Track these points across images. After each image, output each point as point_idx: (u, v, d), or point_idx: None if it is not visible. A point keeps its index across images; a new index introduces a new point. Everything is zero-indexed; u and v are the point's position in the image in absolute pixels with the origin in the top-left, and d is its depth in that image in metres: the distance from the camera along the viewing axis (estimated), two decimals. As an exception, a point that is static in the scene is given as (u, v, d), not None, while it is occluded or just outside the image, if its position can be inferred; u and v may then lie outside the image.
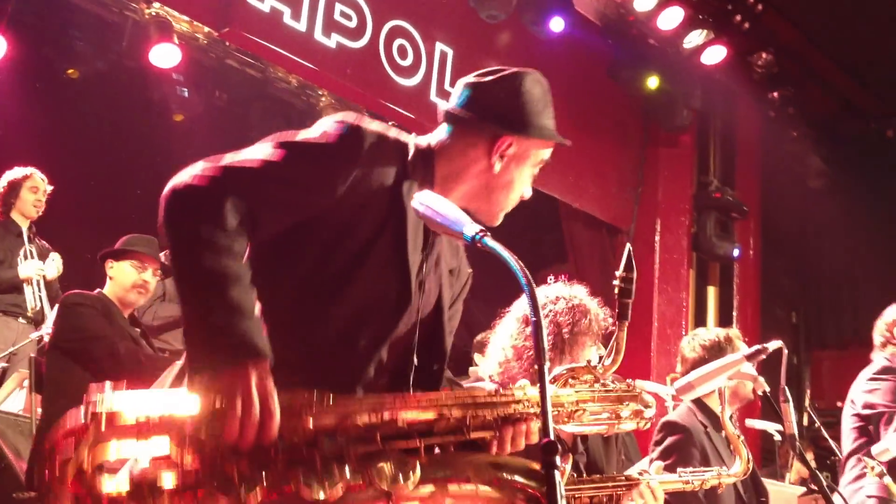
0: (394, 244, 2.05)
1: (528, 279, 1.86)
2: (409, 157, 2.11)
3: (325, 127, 2.06)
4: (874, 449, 3.85)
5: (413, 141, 2.17)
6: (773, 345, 3.07)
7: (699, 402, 3.87)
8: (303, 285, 2.02)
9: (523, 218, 9.73)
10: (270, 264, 2.00)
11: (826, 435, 5.22)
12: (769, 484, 5.61)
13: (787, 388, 2.99)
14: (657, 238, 8.69)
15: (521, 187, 2.23)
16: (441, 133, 2.20)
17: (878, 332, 4.78)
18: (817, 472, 2.85)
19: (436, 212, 2.00)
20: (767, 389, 3.16)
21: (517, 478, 2.00)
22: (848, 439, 4.65)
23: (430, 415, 1.95)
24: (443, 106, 2.23)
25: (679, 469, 3.10)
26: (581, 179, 8.31)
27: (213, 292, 1.81)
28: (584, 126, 8.28)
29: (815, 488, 4.70)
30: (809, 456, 8.25)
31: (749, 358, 3.01)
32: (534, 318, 1.81)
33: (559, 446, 1.72)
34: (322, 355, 2.01)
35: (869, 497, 4.31)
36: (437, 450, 1.99)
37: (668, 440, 3.74)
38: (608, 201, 8.60)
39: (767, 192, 9.63)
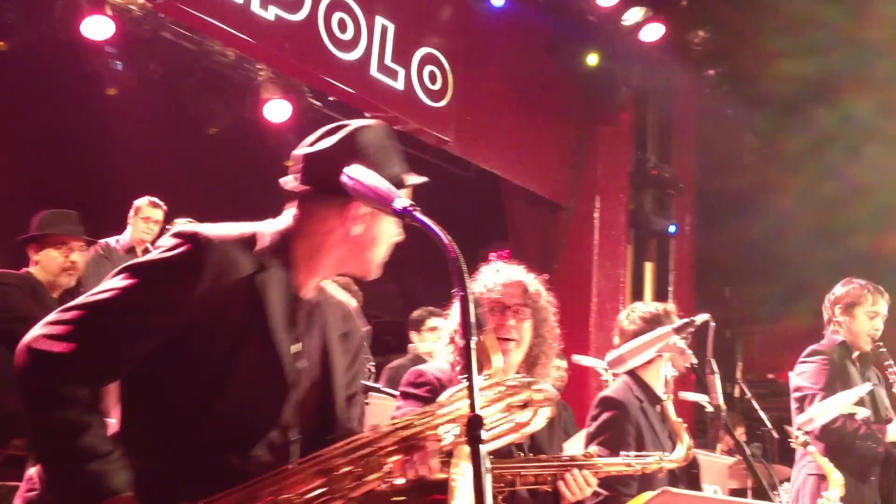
0: (261, 341, 2.04)
1: (456, 254, 1.87)
2: (259, 248, 2.08)
3: (166, 244, 2.05)
4: (799, 419, 3.96)
5: (263, 230, 2.14)
6: (701, 318, 3.13)
7: (635, 377, 3.91)
8: (181, 395, 2.02)
9: (464, 195, 9.80)
10: (149, 380, 2.03)
11: (756, 406, 5.33)
12: (700, 455, 5.75)
13: (713, 360, 3.05)
14: (596, 215, 8.78)
15: (389, 237, 2.21)
16: (291, 212, 2.17)
17: (824, 308, 4.85)
18: (741, 442, 2.91)
19: (365, 186, 2.01)
20: (695, 362, 3.22)
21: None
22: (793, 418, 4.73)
23: (318, 480, 1.95)
24: (286, 184, 2.19)
25: (623, 452, 3.15)
26: (522, 156, 8.36)
27: (64, 444, 1.90)
28: (524, 103, 8.33)
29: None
30: (741, 429, 8.48)
31: (678, 331, 3.07)
32: (461, 293, 1.83)
33: (483, 421, 1.75)
34: (209, 457, 2.00)
35: (809, 475, 4.42)
36: None
37: (604, 416, 3.77)
38: (549, 178, 8.66)
39: (703, 169, 9.79)
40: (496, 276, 3.15)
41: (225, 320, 2.01)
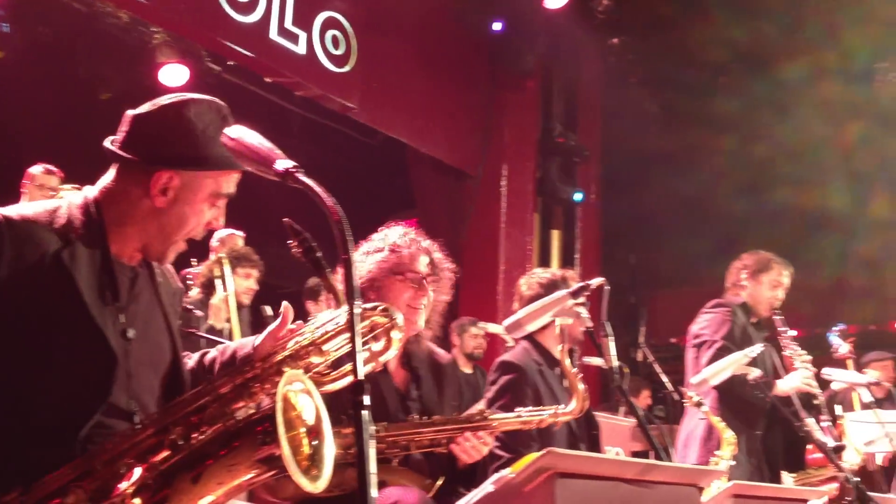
0: (76, 316, 1.96)
1: (339, 217, 1.82)
2: (63, 223, 2.00)
3: None
4: (693, 379, 4.04)
5: (71, 202, 2.07)
6: (595, 281, 3.15)
7: (534, 342, 3.94)
8: (2, 381, 1.93)
9: (370, 163, 9.68)
10: None
11: (658, 370, 5.43)
12: (603, 418, 5.86)
13: (607, 323, 3.07)
14: (503, 183, 8.81)
15: (198, 221, 2.13)
16: (107, 177, 2.10)
17: (729, 273, 4.99)
18: (634, 403, 2.95)
19: (245, 146, 1.94)
20: (590, 325, 3.25)
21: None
22: (689, 374, 4.86)
23: (159, 439, 1.89)
24: (106, 144, 2.11)
25: (517, 409, 3.16)
26: (429, 124, 8.31)
27: None
28: (430, 69, 8.26)
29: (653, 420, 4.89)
30: (646, 391, 8.67)
31: (573, 295, 3.08)
32: (344, 256, 1.79)
33: (367, 386, 1.71)
34: (41, 441, 1.92)
35: (700, 420, 4.53)
36: None
37: (503, 379, 3.79)
38: (455, 146, 8.64)
39: (608, 137, 9.90)
40: (407, 241, 3.13)
41: (35, 300, 1.93)
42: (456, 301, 8.35)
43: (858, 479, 3.55)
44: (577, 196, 9.29)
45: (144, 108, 2.09)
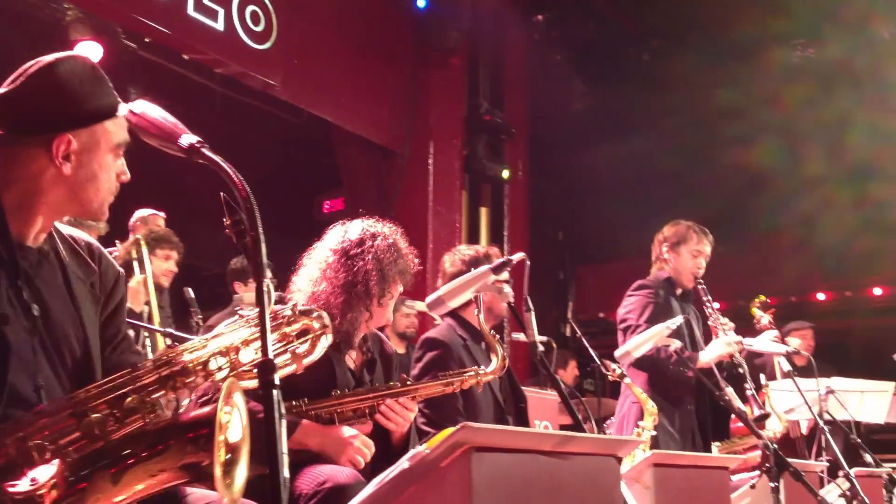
0: None
1: (246, 193, 1.78)
2: None
3: None
4: (617, 352, 4.08)
5: None
6: (517, 256, 3.15)
7: (458, 318, 3.94)
8: None
9: (296, 142, 9.53)
10: None
11: (586, 344, 5.46)
12: (532, 392, 5.89)
13: (528, 298, 3.08)
14: (430, 161, 8.77)
15: (110, 174, 2.07)
16: None
17: (652, 247, 5.03)
18: (556, 378, 2.96)
19: (149, 122, 1.89)
20: (512, 300, 3.25)
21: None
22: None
23: (71, 423, 1.81)
24: None
25: (438, 373, 3.17)
26: (354, 102, 8.22)
27: None
28: (354, 47, 8.16)
29: (579, 394, 4.93)
30: (573, 363, 8.76)
31: (495, 270, 3.06)
32: (252, 233, 1.75)
33: (276, 365, 1.68)
34: None
35: (633, 403, 4.57)
36: None
37: (428, 356, 3.79)
38: (382, 124, 8.57)
39: (535, 114, 9.93)
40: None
41: None
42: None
43: (776, 445, 3.62)
44: (505, 173, 9.30)
45: (10, 83, 1.99)
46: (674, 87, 9.63)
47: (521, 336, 7.06)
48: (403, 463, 1.83)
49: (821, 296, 10.84)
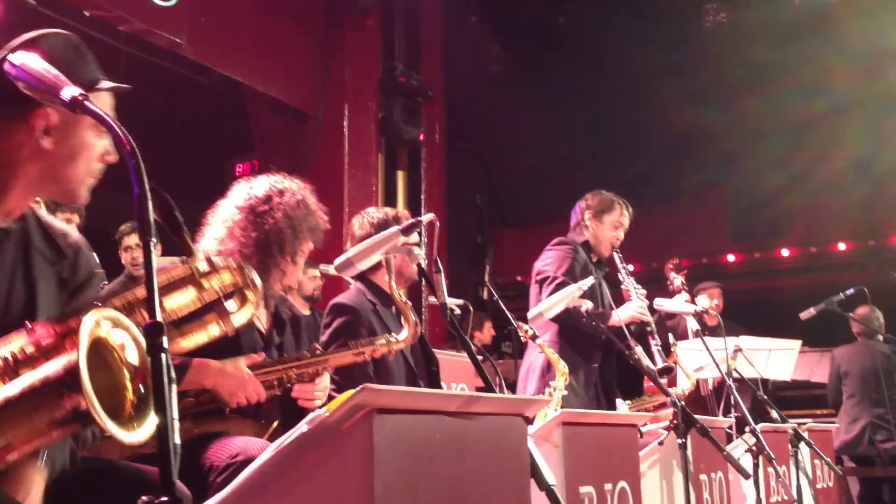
0: None
1: (130, 147, 1.68)
2: None
3: None
4: (530, 313, 4.09)
5: None
6: (426, 217, 3.11)
7: (368, 282, 3.89)
8: None
9: (206, 103, 9.25)
10: None
11: (503, 307, 5.47)
12: (449, 355, 5.89)
13: (438, 259, 3.04)
14: (345, 123, 8.63)
15: (92, 152, 2.00)
16: None
17: (574, 212, 5.05)
18: (465, 338, 2.93)
19: (29, 73, 1.78)
20: (422, 262, 3.21)
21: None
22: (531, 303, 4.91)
23: None
24: None
25: (348, 339, 3.12)
26: (265, 62, 8.01)
27: None
28: (266, 5, 7.95)
29: (487, 355, 4.93)
30: (488, 324, 8.82)
31: (404, 232, 3.01)
32: (137, 190, 1.66)
33: (164, 327, 1.60)
34: None
35: (538, 357, 4.60)
36: None
37: (336, 322, 3.73)
38: (295, 85, 8.38)
39: (451, 77, 9.86)
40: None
41: None
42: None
43: (684, 403, 3.68)
44: (421, 136, 9.23)
45: None
46: (590, 50, 9.66)
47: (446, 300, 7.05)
48: (302, 427, 1.78)
49: (731, 257, 11.10)
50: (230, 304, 2.01)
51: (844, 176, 10.48)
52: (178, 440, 1.59)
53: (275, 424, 2.92)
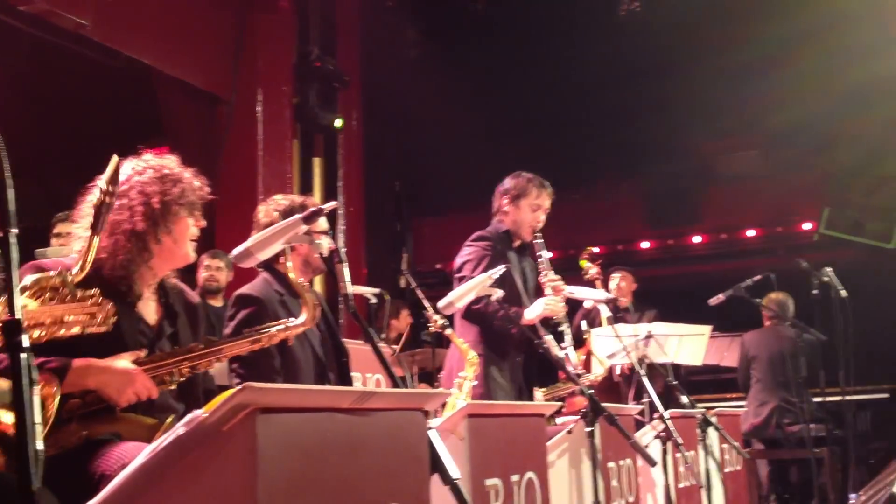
0: None
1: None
2: None
3: None
4: (440, 303, 4.03)
5: None
6: (329, 205, 3.02)
7: (274, 272, 3.78)
8: None
9: (113, 87, 8.95)
10: None
11: (421, 296, 5.43)
12: (353, 344, 5.81)
13: (342, 249, 2.97)
14: (259, 108, 8.46)
15: None
16: None
17: (493, 199, 4.97)
18: (368, 329, 2.86)
19: None
20: (324, 252, 3.13)
21: None
22: None
23: None
24: None
25: (244, 329, 3.01)
26: (176, 45, 7.78)
27: None
28: (176, -13, 7.73)
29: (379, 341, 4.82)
30: (405, 311, 8.76)
31: (306, 220, 2.91)
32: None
33: (22, 324, 1.50)
34: None
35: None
36: None
37: (241, 313, 3.61)
38: (206, 69, 8.17)
39: (368, 63, 9.74)
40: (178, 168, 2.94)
41: None
42: (211, 231, 8.02)
43: (593, 391, 3.68)
44: (338, 122, 9.10)
45: None
46: (508, 37, 9.65)
47: (361, 289, 6.96)
48: (179, 429, 1.69)
49: (645, 244, 11.24)
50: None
51: (754, 164, 10.71)
52: (39, 446, 1.50)
53: (169, 419, 2.80)
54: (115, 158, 2.37)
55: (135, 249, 2.77)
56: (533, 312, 4.56)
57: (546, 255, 4.75)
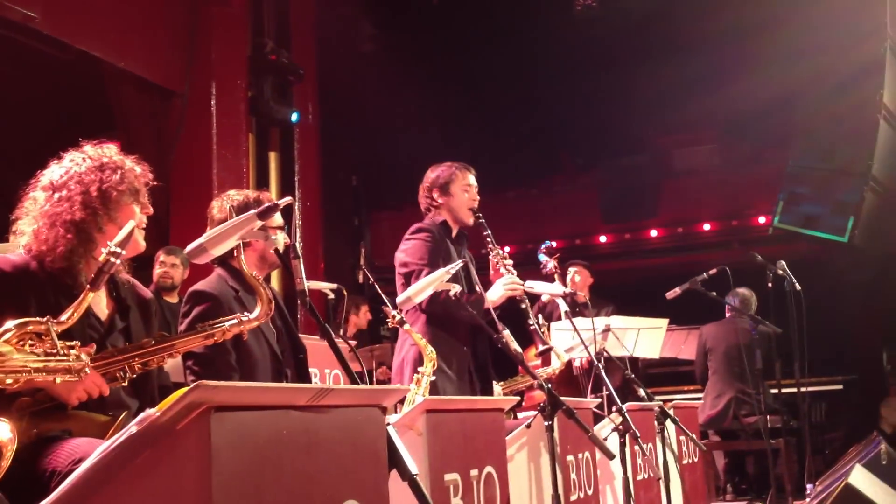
0: None
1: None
2: None
3: None
4: (398, 299, 4.00)
5: None
6: (284, 200, 2.97)
7: (230, 268, 3.73)
8: None
9: (63, 80, 8.77)
10: None
11: (379, 291, 5.38)
12: (310, 340, 5.76)
13: (298, 245, 2.92)
14: (213, 102, 8.34)
15: None
16: None
17: (420, 198, 4.91)
18: (325, 325, 2.82)
19: None
20: (280, 248, 3.08)
21: None
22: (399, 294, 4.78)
23: None
24: None
25: (197, 325, 2.95)
26: (126, 37, 7.65)
27: None
28: (127, -22, 7.60)
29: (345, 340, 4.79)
30: (364, 307, 8.71)
31: (261, 216, 2.86)
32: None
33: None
34: None
35: (412, 346, 4.50)
36: None
37: (196, 310, 3.55)
38: (158, 62, 8.04)
39: (324, 56, 9.66)
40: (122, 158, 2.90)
41: None
42: (166, 227, 7.90)
43: (551, 385, 3.67)
44: (294, 116, 9.02)
45: None
46: (463, 31, 9.63)
47: (310, 284, 6.90)
48: (131, 428, 1.64)
49: (602, 238, 11.31)
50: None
51: (709, 158, 10.82)
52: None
53: (123, 415, 2.74)
54: (130, 224, 2.57)
55: (76, 240, 2.73)
56: (495, 294, 4.51)
57: (489, 233, 4.72)
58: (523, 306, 4.64)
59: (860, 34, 8.47)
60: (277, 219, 3.56)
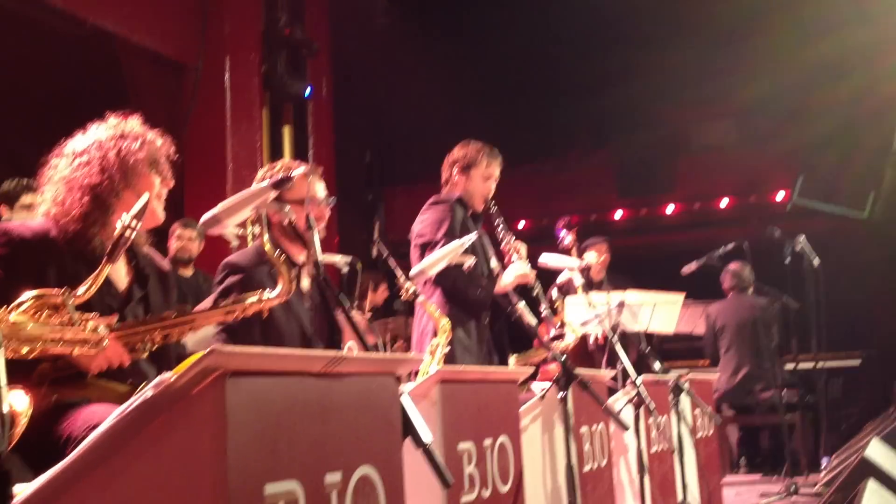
0: None
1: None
2: None
3: None
4: (412, 271, 4.00)
5: None
6: (297, 171, 2.96)
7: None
8: None
9: (78, 56, 8.75)
10: None
11: (393, 265, 5.38)
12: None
13: (310, 216, 2.92)
14: (227, 76, 8.33)
15: None
16: None
17: (443, 169, 4.92)
18: (338, 296, 2.82)
19: None
20: (293, 218, 3.08)
21: None
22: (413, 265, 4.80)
23: None
24: None
25: (217, 299, 2.96)
26: (139, 11, 7.64)
27: None
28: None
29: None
30: (383, 286, 8.72)
31: (275, 186, 2.85)
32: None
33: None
34: None
35: (430, 319, 4.50)
36: None
37: (228, 280, 3.54)
38: (172, 36, 8.03)
39: (337, 30, 9.62)
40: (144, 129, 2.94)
41: None
42: (180, 200, 7.91)
43: (566, 357, 3.66)
44: (307, 91, 8.99)
45: None
46: (478, 4, 9.56)
47: (325, 257, 6.91)
48: (147, 392, 1.65)
49: (618, 214, 11.25)
50: None
51: (727, 133, 10.72)
52: (5, 409, 1.46)
53: (142, 385, 2.75)
54: (146, 196, 2.57)
55: (92, 204, 2.73)
56: (506, 279, 4.55)
57: (501, 220, 4.73)
58: (535, 293, 4.64)
59: (882, 8, 8.36)
60: (319, 189, 3.60)
